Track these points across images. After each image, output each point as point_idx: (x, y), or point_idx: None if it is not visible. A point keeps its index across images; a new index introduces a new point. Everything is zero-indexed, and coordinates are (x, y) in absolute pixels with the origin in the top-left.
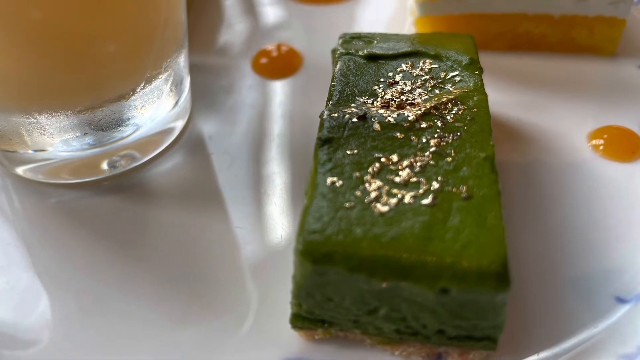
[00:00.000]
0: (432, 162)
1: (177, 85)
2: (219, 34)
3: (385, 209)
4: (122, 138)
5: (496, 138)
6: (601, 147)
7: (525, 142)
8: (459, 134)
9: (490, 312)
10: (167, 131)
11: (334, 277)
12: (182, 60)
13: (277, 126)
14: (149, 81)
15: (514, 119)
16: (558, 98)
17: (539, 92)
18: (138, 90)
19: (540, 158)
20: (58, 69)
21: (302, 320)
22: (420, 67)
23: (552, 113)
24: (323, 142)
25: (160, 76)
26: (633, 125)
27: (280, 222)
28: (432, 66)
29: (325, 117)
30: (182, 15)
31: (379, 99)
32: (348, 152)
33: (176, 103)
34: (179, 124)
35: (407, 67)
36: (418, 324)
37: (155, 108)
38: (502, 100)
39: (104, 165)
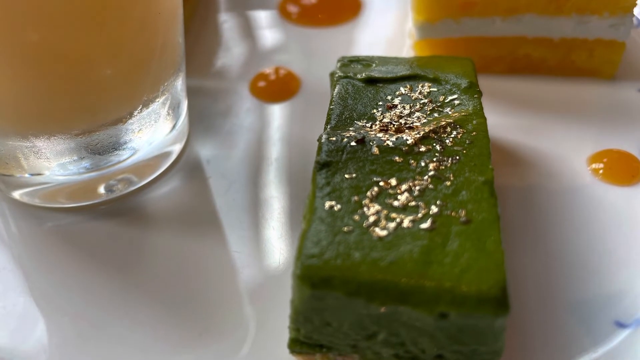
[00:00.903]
0: (431, 186)
1: (174, 109)
2: (217, 57)
3: (383, 233)
4: (119, 162)
5: (495, 162)
6: (601, 171)
7: (524, 165)
8: (458, 157)
9: (489, 337)
10: (165, 155)
11: (333, 301)
12: (180, 83)
13: (275, 150)
14: (146, 105)
15: (513, 142)
16: (557, 121)
17: (538, 116)
18: (135, 113)
19: (539, 182)
20: (55, 93)
21: (301, 345)
22: (419, 91)
23: (552, 137)
24: (321, 166)
25: (157, 99)
26: (633, 149)
27: (278, 246)
28: (431, 89)
29: (323, 140)
30: (179, 38)
31: (377, 122)
32: (346, 176)
33: (173, 126)
34: (177, 148)
35: (405, 90)
36: (417, 348)
37: (152, 132)
38: (501, 123)
39: (101, 189)
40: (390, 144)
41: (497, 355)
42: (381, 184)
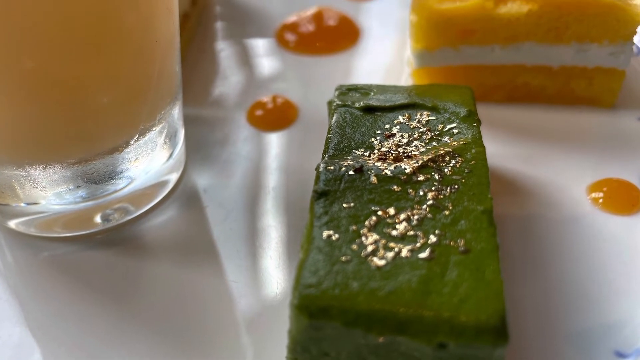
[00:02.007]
0: (429, 215)
1: (171, 138)
2: (214, 85)
3: (382, 262)
4: (116, 191)
5: (494, 191)
6: (601, 200)
7: (524, 194)
8: (456, 186)
9: None
10: (161, 184)
11: (330, 331)
12: (177, 112)
13: (272, 179)
14: (142, 133)
15: (512, 171)
16: (557, 150)
17: (537, 145)
18: (132, 142)
19: (539, 211)
20: (51, 121)
21: None
22: (417, 119)
23: (551, 166)
24: (319, 195)
25: (154, 128)
26: (633, 177)
27: (275, 276)
28: (430, 118)
29: (321, 169)
30: (176, 66)
31: (375, 151)
32: (344, 205)
33: (170, 155)
34: (173, 177)
35: (404, 119)
36: None
37: (149, 160)
38: (500, 152)
39: (98, 219)
40: (389, 172)
41: None
42: (379, 213)
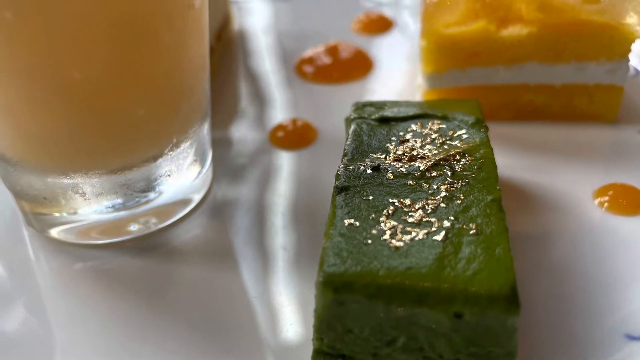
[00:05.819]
0: (442, 204)
1: (201, 156)
2: (239, 109)
3: (400, 244)
4: (148, 201)
5: (505, 201)
6: (606, 204)
7: (532, 201)
8: (467, 180)
9: (502, 337)
10: (186, 201)
11: (354, 305)
12: (205, 130)
13: (295, 196)
14: (177, 145)
15: (520, 179)
16: (562, 161)
17: (544, 156)
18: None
19: (547, 215)
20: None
21: (324, 356)
22: (429, 127)
23: (557, 173)
24: (340, 189)
25: (185, 142)
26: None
27: (295, 271)
28: (440, 126)
29: (341, 169)
30: (206, 85)
31: (391, 154)
32: (364, 197)
33: (199, 173)
34: (197, 196)
35: (416, 127)
36: (435, 353)
37: (178, 176)
38: (509, 163)
39: (131, 227)
40: (404, 170)
41: (511, 356)
42: (396, 203)
